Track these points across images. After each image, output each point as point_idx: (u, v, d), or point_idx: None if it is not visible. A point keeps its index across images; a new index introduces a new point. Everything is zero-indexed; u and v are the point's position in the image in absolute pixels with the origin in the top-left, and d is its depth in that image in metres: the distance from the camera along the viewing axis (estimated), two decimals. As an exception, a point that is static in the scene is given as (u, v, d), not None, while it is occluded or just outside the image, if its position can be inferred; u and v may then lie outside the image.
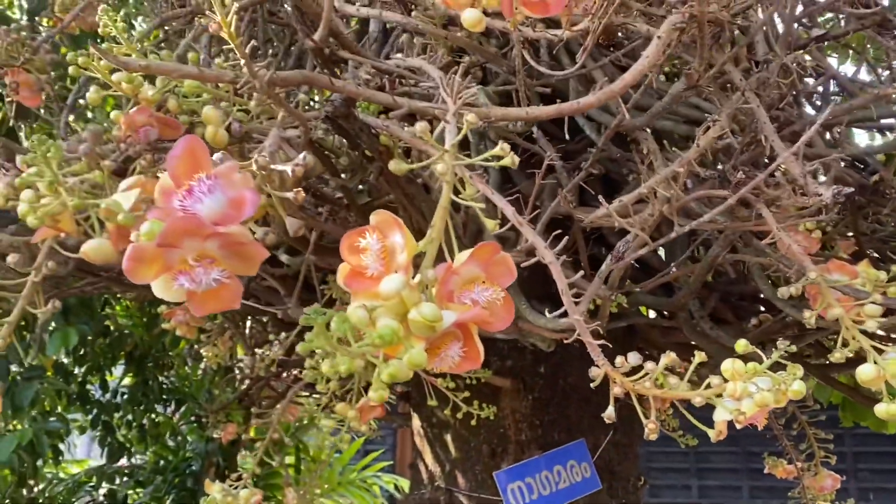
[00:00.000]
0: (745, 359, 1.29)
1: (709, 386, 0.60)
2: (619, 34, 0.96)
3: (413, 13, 0.91)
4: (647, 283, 1.12)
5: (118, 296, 2.34)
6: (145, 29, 0.72)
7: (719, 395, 0.60)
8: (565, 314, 0.87)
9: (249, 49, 1.24)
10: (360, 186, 1.11)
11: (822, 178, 1.12)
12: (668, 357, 0.62)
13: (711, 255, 1.03)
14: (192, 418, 2.98)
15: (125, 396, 2.75)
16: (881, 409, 0.62)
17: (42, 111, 1.26)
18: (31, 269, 0.67)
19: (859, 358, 0.70)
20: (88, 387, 2.66)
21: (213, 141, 0.74)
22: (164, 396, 2.81)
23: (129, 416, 2.80)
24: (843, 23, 1.90)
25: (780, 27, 1.02)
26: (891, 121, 1.19)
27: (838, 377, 1.60)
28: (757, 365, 0.57)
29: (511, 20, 0.67)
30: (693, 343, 1.50)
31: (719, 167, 1.12)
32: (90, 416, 2.72)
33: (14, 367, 2.07)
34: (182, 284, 0.43)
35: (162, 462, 2.90)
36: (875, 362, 0.65)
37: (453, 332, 0.50)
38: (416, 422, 1.77)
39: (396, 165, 0.75)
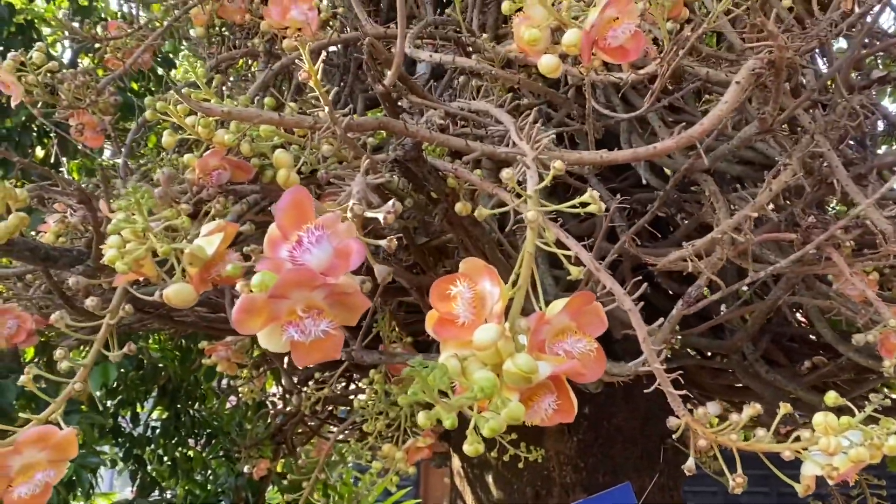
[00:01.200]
0: (798, 403, 1.24)
1: (798, 439, 0.58)
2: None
3: (473, 56, 0.92)
4: (702, 325, 1.10)
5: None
6: (201, 71, 0.73)
7: (807, 449, 0.59)
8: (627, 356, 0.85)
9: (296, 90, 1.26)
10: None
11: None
12: (753, 408, 0.61)
13: (772, 298, 1.01)
14: (221, 453, 2.97)
15: (157, 430, 2.74)
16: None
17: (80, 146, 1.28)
18: (107, 313, 0.67)
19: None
20: (119, 419, 2.66)
21: (286, 184, 0.74)
22: (195, 430, 2.80)
23: (161, 451, 2.79)
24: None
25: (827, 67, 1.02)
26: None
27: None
28: (850, 418, 0.56)
29: (586, 66, 0.67)
30: (742, 385, 1.47)
31: (772, 205, 1.11)
32: (120, 450, 2.72)
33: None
34: (291, 335, 0.43)
35: (190, 497, 2.88)
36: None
37: (546, 383, 0.49)
38: (455, 462, 1.74)
39: (463, 207, 0.75)
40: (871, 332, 0.75)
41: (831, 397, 0.59)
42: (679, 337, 1.14)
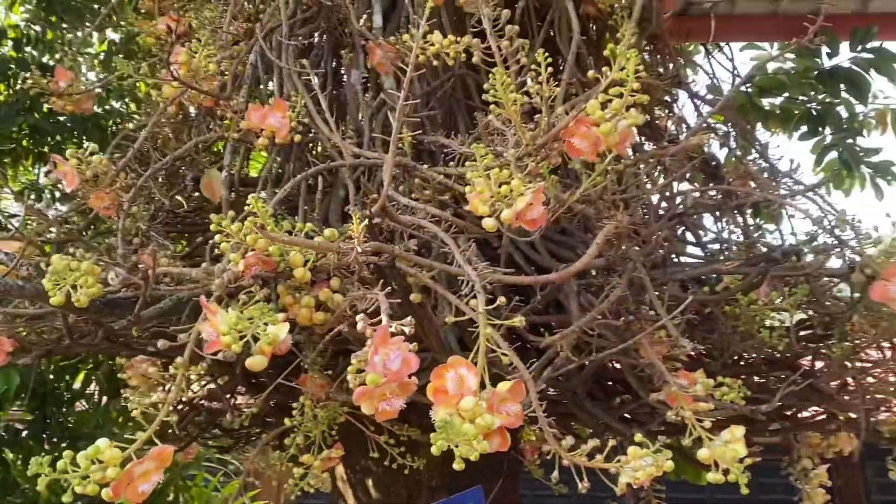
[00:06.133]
0: (610, 429, 1.72)
1: (618, 461, 1.01)
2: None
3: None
4: (553, 374, 1.54)
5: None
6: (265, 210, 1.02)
7: (623, 466, 1.01)
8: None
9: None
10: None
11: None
12: (594, 442, 1.03)
13: (600, 358, 1.47)
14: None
15: (24, 434, 2.82)
16: (712, 476, 1.06)
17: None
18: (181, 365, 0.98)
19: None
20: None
21: (302, 278, 1.08)
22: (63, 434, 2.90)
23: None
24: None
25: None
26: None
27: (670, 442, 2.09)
28: (647, 449, 0.99)
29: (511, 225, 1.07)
30: (570, 413, 1.94)
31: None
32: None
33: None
34: (385, 407, 0.78)
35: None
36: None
37: (497, 430, 0.87)
38: (339, 469, 2.08)
39: (416, 297, 1.12)
40: (662, 393, 1.21)
41: (639, 437, 1.02)
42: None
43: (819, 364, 1.70)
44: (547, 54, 1.15)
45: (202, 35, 1.41)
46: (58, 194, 2.76)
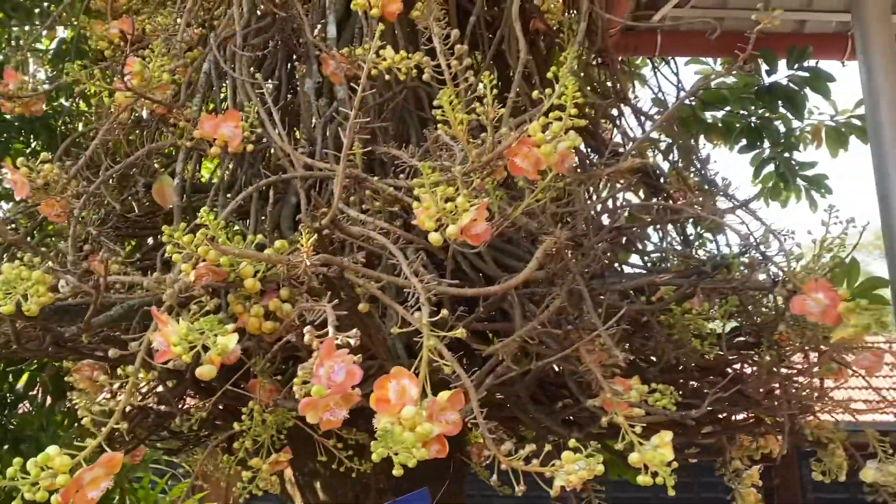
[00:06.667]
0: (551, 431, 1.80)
1: (553, 464, 1.06)
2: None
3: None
4: (497, 380, 1.59)
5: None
6: (215, 222, 1.03)
7: (558, 469, 1.07)
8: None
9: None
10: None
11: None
12: (530, 447, 1.08)
13: (541, 365, 1.53)
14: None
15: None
16: (641, 479, 1.12)
17: None
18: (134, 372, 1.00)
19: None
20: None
21: (251, 288, 1.11)
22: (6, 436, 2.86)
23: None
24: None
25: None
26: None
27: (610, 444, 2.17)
28: (580, 454, 1.05)
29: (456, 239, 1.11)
30: (514, 416, 2.00)
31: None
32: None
33: None
34: (329, 417, 0.82)
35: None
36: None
37: (436, 437, 0.92)
38: (288, 471, 2.10)
39: (364, 307, 1.17)
40: (598, 399, 1.27)
41: (573, 442, 1.08)
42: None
43: (748, 370, 1.80)
44: (494, 72, 1.21)
45: (156, 45, 1.43)
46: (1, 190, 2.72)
